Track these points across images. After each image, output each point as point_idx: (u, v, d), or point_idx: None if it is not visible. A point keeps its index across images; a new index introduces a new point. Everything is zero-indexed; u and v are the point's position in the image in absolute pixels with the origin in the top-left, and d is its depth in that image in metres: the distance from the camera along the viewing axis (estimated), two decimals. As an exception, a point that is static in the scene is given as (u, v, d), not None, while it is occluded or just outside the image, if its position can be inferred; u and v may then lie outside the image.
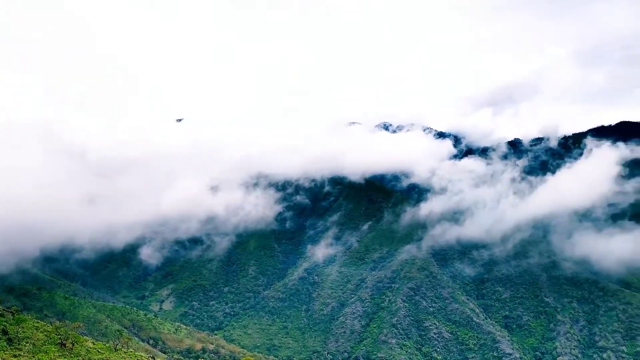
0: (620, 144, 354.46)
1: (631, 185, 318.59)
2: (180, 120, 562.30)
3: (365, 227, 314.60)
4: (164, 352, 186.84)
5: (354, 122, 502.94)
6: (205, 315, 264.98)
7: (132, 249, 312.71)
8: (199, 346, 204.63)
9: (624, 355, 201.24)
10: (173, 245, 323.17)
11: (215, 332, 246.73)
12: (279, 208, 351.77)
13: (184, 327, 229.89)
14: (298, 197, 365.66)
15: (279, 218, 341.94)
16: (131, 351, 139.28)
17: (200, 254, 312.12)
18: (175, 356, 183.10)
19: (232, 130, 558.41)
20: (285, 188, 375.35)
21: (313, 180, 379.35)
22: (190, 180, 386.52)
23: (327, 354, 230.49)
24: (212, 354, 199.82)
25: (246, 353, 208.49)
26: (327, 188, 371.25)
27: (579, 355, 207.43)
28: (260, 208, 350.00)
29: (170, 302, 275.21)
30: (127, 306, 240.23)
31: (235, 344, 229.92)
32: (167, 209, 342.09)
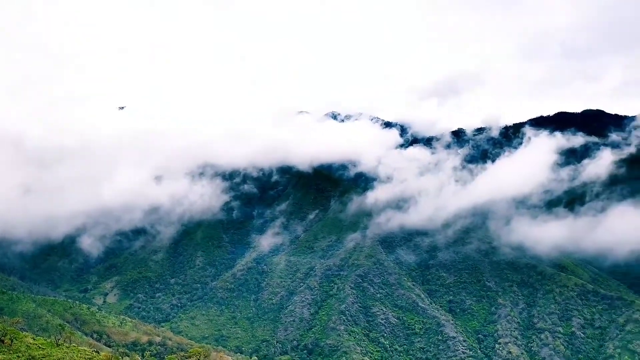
0: (558, 134, 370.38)
1: (566, 172, 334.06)
2: (122, 108, 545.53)
3: (314, 216, 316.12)
4: (109, 346, 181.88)
5: (302, 111, 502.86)
6: (152, 308, 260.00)
7: (72, 241, 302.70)
8: (145, 339, 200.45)
9: (560, 335, 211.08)
10: (116, 236, 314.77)
11: (162, 324, 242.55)
12: (225, 198, 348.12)
13: (130, 319, 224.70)
14: (245, 187, 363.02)
15: (226, 208, 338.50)
16: (74, 346, 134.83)
17: (145, 245, 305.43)
18: (120, 349, 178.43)
19: (177, 119, 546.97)
20: (232, 177, 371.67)
21: (261, 169, 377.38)
22: (133, 169, 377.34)
23: (276, 342, 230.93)
24: (159, 346, 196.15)
25: (194, 344, 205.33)
26: (275, 177, 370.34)
27: (519, 337, 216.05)
28: (206, 198, 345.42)
29: (115, 294, 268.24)
30: (69, 300, 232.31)
31: (182, 335, 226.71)
32: (108, 199, 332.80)
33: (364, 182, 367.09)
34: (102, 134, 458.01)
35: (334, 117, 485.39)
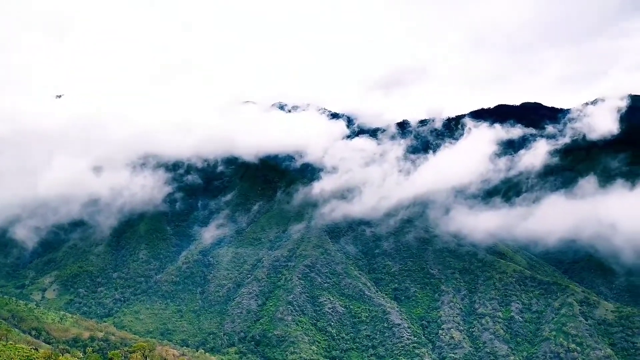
0: (497, 125, 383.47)
1: (503, 163, 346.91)
2: (60, 96, 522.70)
3: (260, 207, 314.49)
4: (49, 343, 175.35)
5: (248, 101, 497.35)
6: (93, 303, 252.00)
7: (6, 234, 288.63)
8: (86, 335, 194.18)
9: (499, 320, 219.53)
10: (53, 229, 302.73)
11: (105, 319, 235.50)
12: (168, 189, 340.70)
13: (70, 315, 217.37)
14: (190, 178, 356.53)
15: (169, 199, 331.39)
16: (11, 343, 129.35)
17: (85, 238, 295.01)
18: (61, 346, 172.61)
19: (118, 108, 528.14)
20: (175, 168, 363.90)
21: (205, 160, 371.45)
22: (71, 159, 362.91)
23: (223, 335, 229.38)
24: (102, 342, 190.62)
25: (138, 339, 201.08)
26: (220, 168, 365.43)
27: (461, 322, 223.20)
28: (148, 189, 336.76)
29: (54, 290, 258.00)
30: (5, 296, 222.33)
31: (126, 330, 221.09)
32: (44, 190, 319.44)
33: (310, 172, 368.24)
34: (38, 123, 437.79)
35: (281, 107, 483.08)
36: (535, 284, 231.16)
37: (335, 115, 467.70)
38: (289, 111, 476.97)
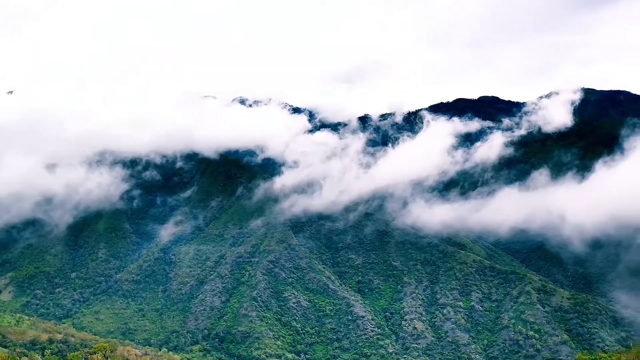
0: (455, 119, 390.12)
1: (459, 156, 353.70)
2: (11, 92, 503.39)
3: (222, 203, 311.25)
4: (5, 347, 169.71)
5: (207, 96, 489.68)
6: (51, 304, 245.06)
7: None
8: (44, 337, 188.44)
9: (460, 309, 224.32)
10: (6, 228, 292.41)
11: (64, 320, 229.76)
12: (126, 186, 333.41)
13: (27, 317, 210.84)
14: (149, 174, 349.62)
15: (127, 196, 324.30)
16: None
17: (41, 238, 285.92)
18: (18, 349, 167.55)
19: (73, 103, 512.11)
20: (133, 164, 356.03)
21: (164, 156, 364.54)
22: (23, 157, 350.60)
23: (187, 333, 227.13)
24: (61, 344, 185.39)
25: (99, 340, 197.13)
26: (179, 164, 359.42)
27: (423, 313, 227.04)
28: (105, 187, 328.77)
29: (9, 292, 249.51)
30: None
31: (86, 331, 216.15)
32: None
33: (271, 167, 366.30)
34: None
35: (242, 102, 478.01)
36: (494, 274, 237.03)
37: (297, 110, 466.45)
38: (250, 106, 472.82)
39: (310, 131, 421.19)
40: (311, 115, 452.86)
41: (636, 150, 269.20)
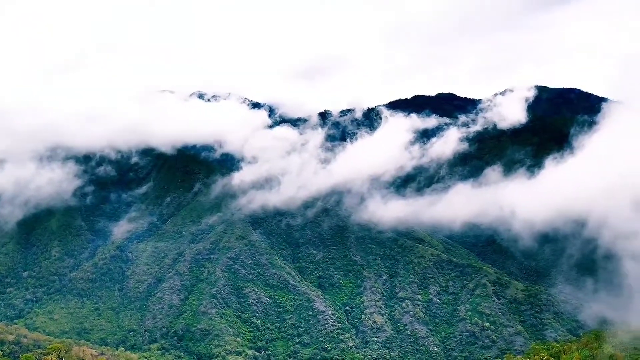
0: (413, 116, 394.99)
1: (416, 151, 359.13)
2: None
3: (180, 199, 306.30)
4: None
5: (165, 90, 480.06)
6: (2, 304, 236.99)
7: None
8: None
9: (419, 303, 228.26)
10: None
11: (15, 321, 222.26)
12: (79, 182, 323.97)
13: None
14: (103, 170, 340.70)
15: (80, 193, 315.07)
16: None
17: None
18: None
19: (22, 97, 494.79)
20: (87, 160, 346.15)
21: (119, 151, 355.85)
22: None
23: (144, 331, 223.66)
24: (13, 345, 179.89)
25: (53, 340, 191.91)
26: (135, 159, 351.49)
27: (383, 306, 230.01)
28: (57, 183, 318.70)
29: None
30: None
31: (39, 331, 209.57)
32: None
33: (229, 163, 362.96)
34: None
35: (201, 96, 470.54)
36: (451, 267, 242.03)
37: (256, 105, 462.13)
38: (209, 100, 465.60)
39: (270, 126, 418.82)
40: (271, 111, 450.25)
41: (584, 148, 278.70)
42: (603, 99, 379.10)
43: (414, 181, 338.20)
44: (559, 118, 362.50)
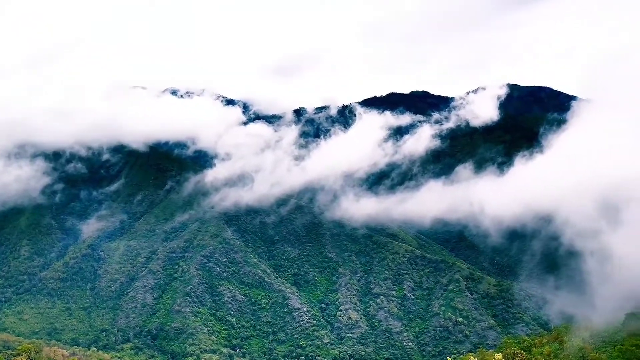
0: (387, 113, 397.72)
1: (389, 148, 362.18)
2: None
3: (153, 196, 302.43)
4: None
5: (136, 86, 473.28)
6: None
7: None
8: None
9: (393, 298, 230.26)
10: None
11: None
12: (49, 180, 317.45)
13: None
14: (73, 167, 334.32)
15: (50, 191, 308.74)
16: None
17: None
18: None
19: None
20: (56, 157, 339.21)
21: (90, 148, 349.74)
22: None
23: (117, 331, 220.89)
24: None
25: (23, 341, 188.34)
26: (105, 156, 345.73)
27: (358, 303, 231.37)
28: (25, 180, 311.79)
29: None
30: None
31: (8, 332, 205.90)
32: None
33: (203, 160, 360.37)
34: None
35: (174, 93, 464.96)
36: (425, 263, 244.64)
37: (230, 102, 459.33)
38: (182, 97, 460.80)
39: (244, 123, 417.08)
40: (245, 107, 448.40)
41: (552, 147, 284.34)
42: (572, 97, 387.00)
43: (387, 178, 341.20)
44: (530, 116, 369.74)
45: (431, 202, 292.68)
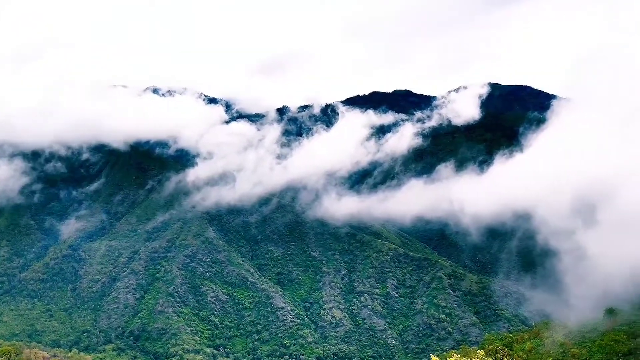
0: (370, 112, 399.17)
1: (371, 148, 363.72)
2: None
3: (134, 196, 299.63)
4: None
5: (117, 85, 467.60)
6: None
7: None
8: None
9: (377, 296, 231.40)
10: None
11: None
12: (28, 179, 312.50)
13: None
14: (53, 167, 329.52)
15: (28, 191, 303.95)
16: None
17: None
18: None
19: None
20: (35, 157, 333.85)
21: (69, 147, 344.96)
22: None
23: (99, 332, 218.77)
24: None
25: (2, 343, 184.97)
26: (85, 155, 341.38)
27: (342, 301, 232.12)
28: (4, 180, 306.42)
29: None
30: None
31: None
32: None
33: (184, 159, 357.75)
34: None
35: (155, 91, 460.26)
36: (408, 261, 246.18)
37: (213, 100, 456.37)
38: (164, 95, 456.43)
39: (227, 122, 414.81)
40: (228, 106, 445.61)
41: (531, 146, 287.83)
42: (553, 96, 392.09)
43: (370, 176, 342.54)
44: (511, 115, 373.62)
45: (413, 200, 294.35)
